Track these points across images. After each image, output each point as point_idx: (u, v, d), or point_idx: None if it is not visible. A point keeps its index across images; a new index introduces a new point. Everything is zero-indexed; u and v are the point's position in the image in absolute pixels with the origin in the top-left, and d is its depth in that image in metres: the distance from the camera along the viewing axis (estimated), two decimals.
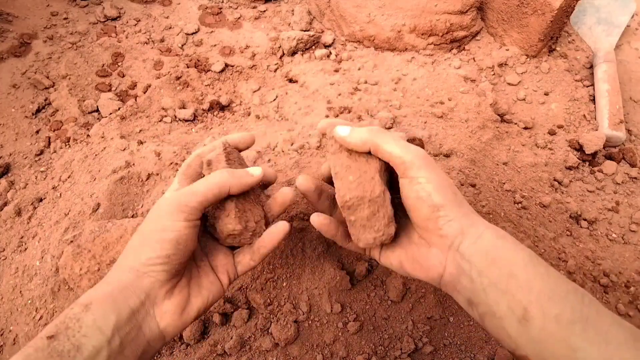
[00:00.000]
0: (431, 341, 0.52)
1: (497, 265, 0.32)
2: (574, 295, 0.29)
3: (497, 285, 0.32)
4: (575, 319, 0.28)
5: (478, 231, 0.34)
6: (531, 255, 0.32)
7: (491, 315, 0.32)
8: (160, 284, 0.34)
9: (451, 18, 0.80)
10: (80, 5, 0.88)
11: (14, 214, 0.59)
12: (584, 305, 0.29)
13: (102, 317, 0.31)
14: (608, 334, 0.27)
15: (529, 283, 0.30)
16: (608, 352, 0.26)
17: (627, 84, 0.86)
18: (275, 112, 0.71)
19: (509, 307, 0.31)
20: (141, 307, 0.33)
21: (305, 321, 0.51)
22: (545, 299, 0.29)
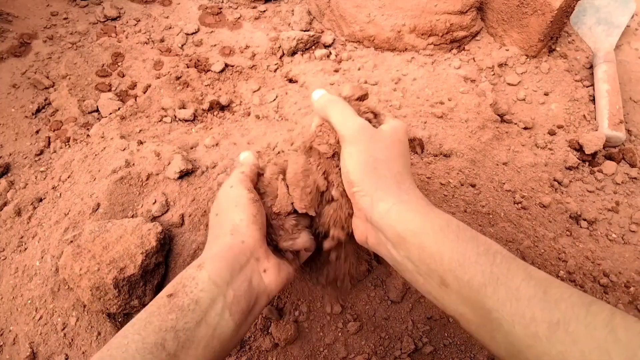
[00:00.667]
0: (431, 341, 0.52)
1: (407, 239, 0.33)
2: (485, 256, 0.30)
3: (410, 258, 0.33)
4: (486, 281, 0.29)
5: (387, 205, 0.35)
6: (441, 224, 0.33)
7: (415, 282, 0.34)
8: (259, 243, 0.37)
9: (451, 18, 0.80)
10: (80, 5, 0.88)
11: (14, 214, 0.59)
12: (495, 266, 0.29)
13: (216, 273, 0.33)
14: (518, 290, 0.28)
15: (440, 252, 0.31)
16: (519, 308, 0.27)
17: (627, 84, 0.86)
18: (275, 112, 0.71)
19: (427, 275, 0.32)
20: (247, 264, 0.36)
21: (305, 321, 0.51)
22: (457, 266, 0.30)
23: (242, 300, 0.34)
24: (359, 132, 0.38)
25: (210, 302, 0.32)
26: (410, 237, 0.33)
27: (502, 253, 0.31)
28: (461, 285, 0.30)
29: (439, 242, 0.32)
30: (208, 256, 0.35)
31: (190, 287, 0.32)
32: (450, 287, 0.31)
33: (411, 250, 0.33)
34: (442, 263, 0.31)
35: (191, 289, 0.32)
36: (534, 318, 0.26)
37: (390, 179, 0.37)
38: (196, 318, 0.31)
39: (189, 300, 0.32)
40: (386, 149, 0.38)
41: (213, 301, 0.32)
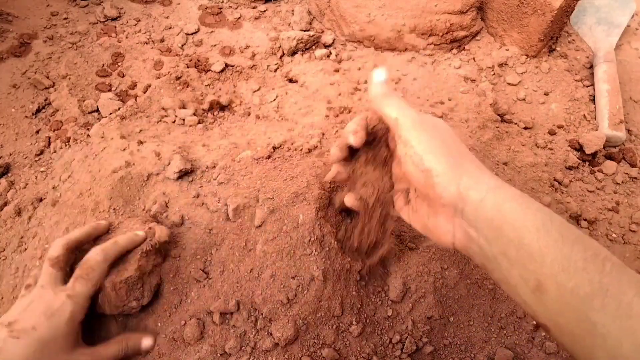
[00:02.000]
0: (431, 341, 0.52)
1: (505, 233, 0.29)
2: (593, 263, 0.27)
3: (506, 254, 0.29)
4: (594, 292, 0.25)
5: (480, 195, 0.31)
6: (544, 219, 0.29)
7: (505, 283, 0.30)
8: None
9: (451, 18, 0.80)
10: (80, 5, 0.88)
11: (14, 214, 0.59)
12: (604, 275, 0.26)
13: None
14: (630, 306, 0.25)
15: (541, 253, 0.28)
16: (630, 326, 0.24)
17: (627, 84, 0.86)
18: (275, 112, 0.71)
19: (521, 277, 0.29)
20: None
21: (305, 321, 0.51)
22: (560, 271, 0.27)
23: None
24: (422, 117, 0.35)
25: None
26: (509, 231, 0.29)
27: (611, 260, 0.27)
28: (562, 293, 0.26)
29: (542, 240, 0.28)
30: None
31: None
32: (547, 293, 0.27)
33: (508, 247, 0.29)
34: (542, 265, 0.27)
35: None
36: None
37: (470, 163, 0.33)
38: None
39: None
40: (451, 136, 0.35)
41: None
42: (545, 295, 0.27)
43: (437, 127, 0.35)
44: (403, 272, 0.55)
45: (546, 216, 0.29)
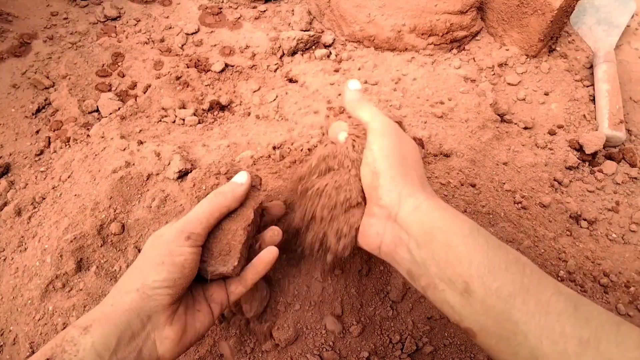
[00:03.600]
0: (431, 341, 0.52)
1: (435, 237, 0.31)
2: (515, 266, 0.29)
3: (435, 258, 0.31)
4: (516, 292, 0.28)
5: (417, 201, 0.33)
6: (472, 227, 0.31)
7: (433, 288, 0.32)
8: (163, 308, 0.33)
9: (451, 18, 0.80)
10: (80, 5, 0.88)
11: (14, 214, 0.59)
12: (525, 276, 0.28)
13: (101, 340, 0.30)
14: (548, 304, 0.27)
15: (469, 256, 0.30)
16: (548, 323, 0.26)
17: (627, 84, 0.86)
18: (275, 112, 0.71)
19: (450, 280, 0.30)
20: (142, 331, 0.32)
21: (305, 321, 0.51)
22: (485, 273, 0.29)
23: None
24: (391, 126, 0.37)
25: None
26: (439, 235, 0.31)
27: (530, 265, 0.29)
28: (487, 294, 0.28)
29: (469, 244, 0.30)
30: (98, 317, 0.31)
31: (69, 354, 0.29)
32: (474, 294, 0.29)
33: (437, 250, 0.31)
34: (469, 267, 0.29)
35: (70, 357, 0.29)
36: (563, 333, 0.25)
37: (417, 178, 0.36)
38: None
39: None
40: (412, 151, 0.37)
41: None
42: (472, 297, 0.29)
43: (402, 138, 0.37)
44: None
45: (473, 225, 0.32)
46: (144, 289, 0.33)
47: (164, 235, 0.35)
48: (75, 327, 0.31)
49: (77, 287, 0.51)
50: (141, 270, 0.34)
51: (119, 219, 0.55)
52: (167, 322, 0.34)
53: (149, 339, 0.33)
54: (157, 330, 0.33)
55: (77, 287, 0.51)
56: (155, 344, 0.33)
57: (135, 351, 0.31)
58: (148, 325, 0.33)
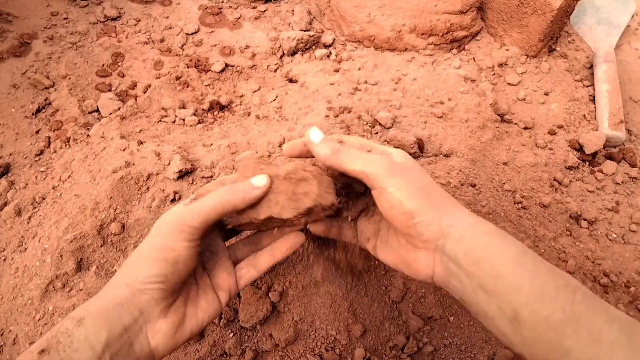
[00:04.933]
0: (431, 341, 0.52)
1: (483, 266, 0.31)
2: (565, 292, 0.28)
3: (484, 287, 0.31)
4: (567, 320, 0.27)
5: (459, 232, 0.33)
6: (518, 253, 0.31)
7: (484, 315, 0.32)
8: (156, 301, 0.33)
9: (451, 18, 0.80)
10: (80, 5, 0.88)
11: (14, 214, 0.59)
12: (576, 304, 0.28)
13: (94, 332, 0.30)
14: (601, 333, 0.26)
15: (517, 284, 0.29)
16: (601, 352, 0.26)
17: (627, 84, 0.86)
18: (275, 112, 0.71)
19: (499, 308, 0.30)
20: (134, 324, 0.32)
21: (306, 322, 0.51)
22: (534, 300, 0.28)
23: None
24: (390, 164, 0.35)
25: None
26: (486, 265, 0.31)
27: (581, 289, 0.29)
28: (537, 322, 0.28)
29: (517, 272, 0.30)
30: (91, 310, 0.32)
31: (64, 345, 0.29)
32: (524, 323, 0.29)
33: (486, 280, 0.31)
34: (518, 295, 0.29)
35: (64, 348, 0.29)
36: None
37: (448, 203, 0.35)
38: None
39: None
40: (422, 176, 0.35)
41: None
42: (521, 325, 0.29)
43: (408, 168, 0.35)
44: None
45: (520, 250, 0.31)
46: (134, 283, 0.33)
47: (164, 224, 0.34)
48: (70, 318, 0.31)
49: (77, 287, 0.51)
50: (134, 265, 0.34)
51: (119, 219, 0.55)
52: (161, 315, 0.33)
53: (141, 332, 0.33)
54: (150, 323, 0.33)
55: (77, 287, 0.51)
56: (147, 338, 0.33)
57: (127, 345, 0.32)
58: (140, 319, 0.33)
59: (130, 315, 0.32)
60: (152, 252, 0.33)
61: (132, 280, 0.33)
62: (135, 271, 0.33)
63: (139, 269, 0.33)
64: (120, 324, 0.31)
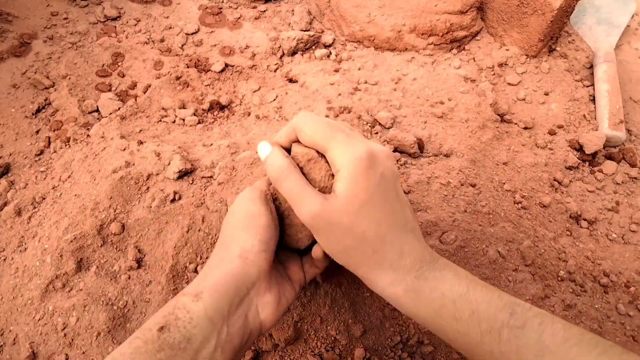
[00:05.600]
0: (431, 341, 0.52)
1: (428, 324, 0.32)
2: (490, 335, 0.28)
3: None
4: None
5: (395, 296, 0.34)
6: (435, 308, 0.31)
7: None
8: (264, 274, 0.34)
9: (451, 18, 0.80)
10: (80, 5, 0.88)
11: (14, 214, 0.59)
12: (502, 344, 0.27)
13: (213, 307, 0.30)
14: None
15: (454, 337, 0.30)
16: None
17: (627, 84, 0.86)
18: (276, 112, 0.71)
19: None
20: (247, 296, 0.33)
21: (305, 322, 0.51)
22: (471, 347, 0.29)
23: (236, 338, 0.31)
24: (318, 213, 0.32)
25: (203, 340, 0.29)
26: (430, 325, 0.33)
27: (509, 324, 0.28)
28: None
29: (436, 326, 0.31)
30: (208, 285, 0.32)
31: (183, 321, 0.29)
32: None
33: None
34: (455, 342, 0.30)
35: (184, 324, 0.29)
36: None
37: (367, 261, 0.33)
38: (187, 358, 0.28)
39: (181, 337, 0.29)
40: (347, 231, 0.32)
41: (206, 339, 0.29)
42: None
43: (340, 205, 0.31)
44: None
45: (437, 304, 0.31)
46: (246, 254, 0.33)
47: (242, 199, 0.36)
48: (186, 294, 0.31)
49: (77, 287, 0.51)
50: (236, 238, 0.35)
51: (119, 219, 0.55)
52: (267, 288, 0.35)
53: (253, 304, 0.33)
54: (259, 296, 0.34)
55: (77, 287, 0.51)
56: (258, 310, 0.34)
57: (243, 317, 0.32)
58: (252, 291, 0.33)
59: (245, 287, 0.33)
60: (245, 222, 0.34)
61: (243, 251, 0.34)
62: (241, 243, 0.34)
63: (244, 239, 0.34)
64: (238, 296, 0.32)
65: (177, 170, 0.57)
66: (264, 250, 0.34)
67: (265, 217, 0.34)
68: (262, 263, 0.34)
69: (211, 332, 0.30)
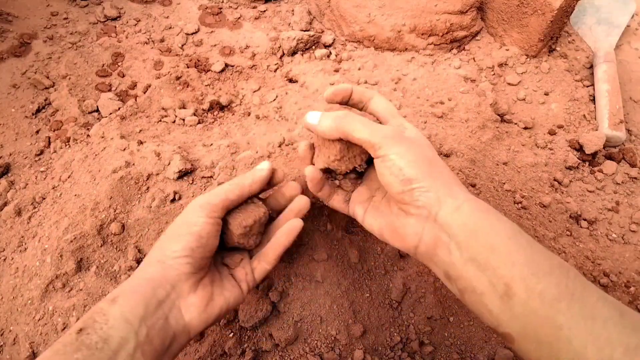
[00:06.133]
0: (431, 341, 0.52)
1: (478, 238, 0.31)
2: (559, 269, 0.28)
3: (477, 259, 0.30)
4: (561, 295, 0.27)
5: (457, 202, 0.33)
6: (514, 229, 0.31)
7: (471, 291, 0.31)
8: (186, 276, 0.35)
9: (451, 18, 0.80)
10: (80, 5, 0.88)
11: (14, 214, 0.59)
12: (570, 280, 0.27)
13: (129, 308, 0.31)
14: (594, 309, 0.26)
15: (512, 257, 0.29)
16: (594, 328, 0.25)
17: (627, 84, 0.86)
18: (276, 112, 0.71)
19: (490, 283, 0.30)
20: (167, 299, 0.34)
21: (305, 322, 0.51)
22: (529, 274, 0.28)
23: (156, 339, 0.31)
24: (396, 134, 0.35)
25: (121, 341, 0.30)
26: (482, 237, 0.30)
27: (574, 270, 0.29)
28: (530, 297, 0.27)
29: (512, 246, 0.29)
30: (124, 289, 0.33)
31: (99, 323, 0.30)
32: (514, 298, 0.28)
33: (479, 252, 0.30)
34: (512, 268, 0.28)
35: (101, 326, 0.30)
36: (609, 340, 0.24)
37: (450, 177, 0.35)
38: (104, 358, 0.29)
39: (98, 338, 0.29)
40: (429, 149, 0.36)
41: (124, 340, 0.30)
42: (512, 300, 0.28)
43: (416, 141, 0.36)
44: (403, 272, 0.55)
45: (516, 229, 0.31)
46: (164, 259, 0.35)
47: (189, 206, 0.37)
48: (104, 300, 0.32)
49: (77, 287, 0.51)
50: (162, 244, 0.36)
51: (119, 219, 0.55)
52: (191, 290, 0.35)
53: (175, 306, 0.34)
54: (182, 298, 0.35)
55: (77, 287, 0.51)
56: (181, 311, 0.34)
57: (162, 318, 0.33)
58: (172, 293, 0.34)
59: (163, 290, 0.34)
60: (178, 229, 0.36)
61: (162, 256, 0.35)
62: (165, 248, 0.36)
63: (168, 245, 0.36)
64: (154, 298, 0.33)
65: (177, 170, 0.57)
66: (186, 255, 0.35)
67: (201, 226, 0.35)
68: (182, 267, 0.35)
69: (128, 333, 0.30)
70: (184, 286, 0.35)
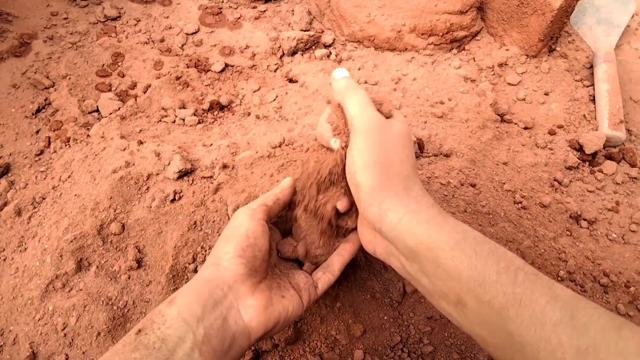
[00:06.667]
0: (431, 341, 0.52)
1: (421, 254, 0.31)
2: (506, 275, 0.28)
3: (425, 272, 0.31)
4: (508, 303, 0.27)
5: (396, 216, 0.32)
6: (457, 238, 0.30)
7: (429, 296, 0.32)
8: (242, 277, 0.35)
9: (451, 18, 0.80)
10: (80, 5, 0.88)
11: (14, 214, 0.59)
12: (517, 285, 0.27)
13: (187, 309, 0.32)
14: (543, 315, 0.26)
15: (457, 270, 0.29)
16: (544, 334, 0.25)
17: (627, 84, 0.86)
18: (276, 112, 0.71)
19: (443, 293, 0.30)
20: (224, 299, 0.34)
21: (305, 322, 0.51)
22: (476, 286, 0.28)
23: (214, 339, 0.31)
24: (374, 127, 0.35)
25: (178, 340, 0.30)
26: (424, 252, 0.30)
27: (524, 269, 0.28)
28: (480, 306, 0.28)
29: (456, 258, 0.29)
30: (181, 291, 0.34)
31: (157, 324, 0.31)
32: (468, 307, 0.29)
33: (425, 265, 0.31)
34: (459, 281, 0.29)
35: (158, 326, 0.30)
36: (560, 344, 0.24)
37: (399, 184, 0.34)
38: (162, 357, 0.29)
39: (155, 338, 0.30)
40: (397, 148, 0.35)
41: (181, 339, 0.30)
42: (465, 309, 0.29)
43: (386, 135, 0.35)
44: None
45: (459, 234, 0.31)
46: (218, 261, 0.36)
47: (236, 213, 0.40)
48: (163, 303, 0.33)
49: (77, 287, 0.51)
50: (215, 249, 0.38)
51: (119, 219, 0.55)
52: (249, 292, 0.35)
53: (233, 307, 0.34)
54: (240, 299, 0.35)
55: (77, 287, 0.51)
56: (240, 312, 0.34)
57: (220, 318, 0.33)
58: (230, 294, 0.34)
59: (220, 290, 0.34)
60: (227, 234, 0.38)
61: (217, 259, 0.36)
62: (218, 250, 0.37)
63: (221, 248, 0.37)
64: (212, 298, 0.33)
65: (177, 170, 0.57)
66: (239, 256, 0.35)
67: (246, 226, 0.37)
68: (237, 267, 0.35)
69: (185, 333, 0.30)
70: (241, 287, 0.35)
